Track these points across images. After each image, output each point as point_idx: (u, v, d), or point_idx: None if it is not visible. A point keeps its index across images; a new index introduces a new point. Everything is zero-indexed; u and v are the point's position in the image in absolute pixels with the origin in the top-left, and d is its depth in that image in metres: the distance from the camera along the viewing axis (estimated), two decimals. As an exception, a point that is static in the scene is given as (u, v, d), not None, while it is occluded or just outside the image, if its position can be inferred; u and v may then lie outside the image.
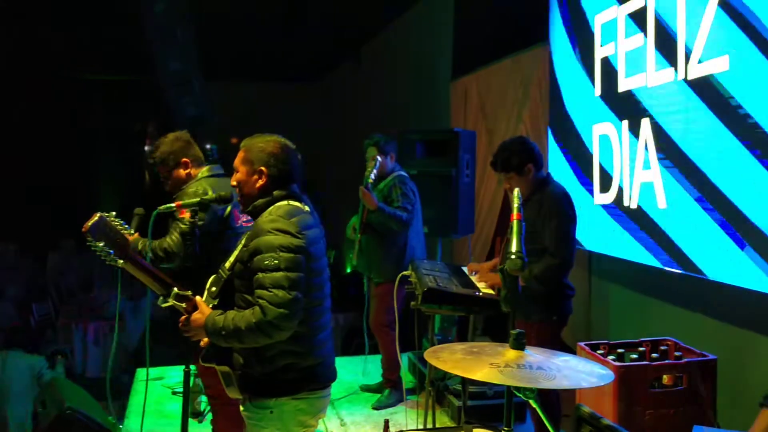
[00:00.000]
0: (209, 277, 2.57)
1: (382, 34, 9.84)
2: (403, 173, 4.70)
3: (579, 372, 1.62)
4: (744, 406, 2.22)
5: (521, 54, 5.67)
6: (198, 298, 2.48)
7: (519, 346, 1.66)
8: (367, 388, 5.00)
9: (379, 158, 4.54)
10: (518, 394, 1.63)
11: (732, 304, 3.21)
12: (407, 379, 5.00)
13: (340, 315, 8.09)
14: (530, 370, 1.56)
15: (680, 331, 3.37)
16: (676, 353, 2.95)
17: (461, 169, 5.02)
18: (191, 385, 2.96)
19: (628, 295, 4.24)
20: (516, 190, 1.94)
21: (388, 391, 4.70)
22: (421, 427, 3.51)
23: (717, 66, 3.09)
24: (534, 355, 1.65)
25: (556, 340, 3.37)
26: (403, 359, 4.79)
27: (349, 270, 7.81)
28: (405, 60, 8.99)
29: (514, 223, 1.84)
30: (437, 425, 3.64)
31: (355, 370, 5.25)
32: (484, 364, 1.58)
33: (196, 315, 2.43)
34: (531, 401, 1.62)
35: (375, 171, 4.48)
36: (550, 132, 4.94)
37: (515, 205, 1.88)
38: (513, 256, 1.80)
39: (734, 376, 2.92)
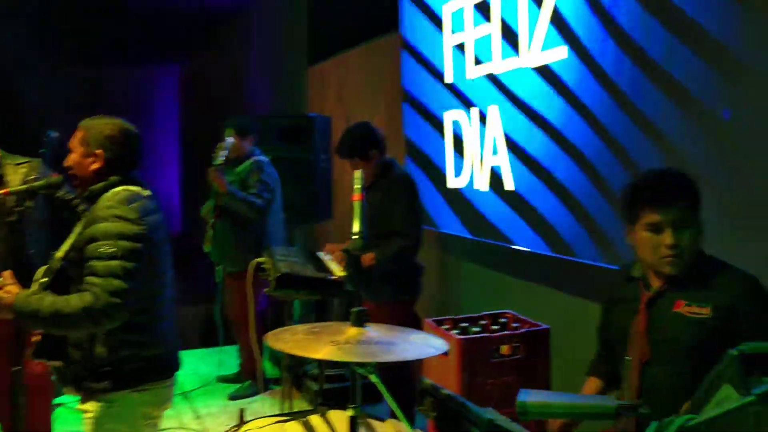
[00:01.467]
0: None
1: (241, 17, 9.63)
2: (262, 158, 4.62)
3: (417, 345, 1.67)
4: (577, 372, 2.38)
5: (376, 40, 5.74)
6: (5, 273, 2.30)
7: (360, 323, 1.68)
8: (224, 379, 4.91)
9: (229, 139, 4.43)
10: (359, 371, 1.66)
11: (566, 277, 3.44)
12: (268, 368, 4.96)
13: (197, 306, 7.85)
14: (369, 346, 1.59)
15: (524, 303, 3.56)
16: (514, 324, 3.12)
17: (317, 154, 5.02)
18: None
19: (480, 273, 4.42)
20: (358, 171, 1.96)
21: (249, 382, 4.64)
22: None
23: (557, 54, 3.27)
24: (375, 331, 1.68)
25: (409, 319, 3.46)
26: (266, 348, 4.75)
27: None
28: (264, 45, 8.84)
29: (356, 203, 1.86)
30: (294, 410, 3.63)
31: (211, 362, 5.14)
32: (325, 343, 1.59)
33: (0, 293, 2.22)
34: (371, 376, 1.65)
35: (225, 152, 4.36)
36: (404, 118, 5.04)
37: (357, 186, 1.90)
38: (355, 236, 1.82)
39: (568, 343, 3.13)
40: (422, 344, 1.69)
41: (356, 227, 1.82)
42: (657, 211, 1.96)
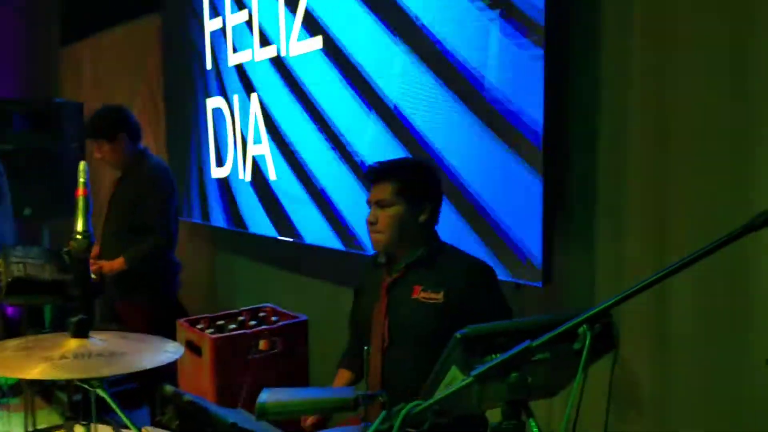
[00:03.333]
0: None
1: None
2: None
3: (146, 352, 1.54)
4: (335, 360, 2.38)
5: (135, 23, 5.36)
6: None
7: (81, 333, 1.51)
8: None
9: None
10: (84, 386, 1.50)
11: (330, 266, 3.47)
12: (5, 380, 4.46)
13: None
14: (89, 359, 1.43)
15: (286, 296, 3.54)
16: (273, 318, 3.08)
17: (67, 143, 4.58)
18: None
19: (249, 267, 4.33)
20: (82, 163, 1.77)
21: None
22: (22, 430, 3.16)
23: (313, 44, 3.25)
24: (99, 342, 1.52)
25: (170, 317, 3.28)
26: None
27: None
28: (4, 19, 7.90)
29: (80, 199, 1.69)
30: (43, 426, 3.30)
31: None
32: (38, 360, 1.40)
33: None
34: (98, 390, 1.50)
35: None
36: (165, 104, 4.77)
37: (81, 180, 1.72)
38: (79, 236, 1.65)
39: (328, 333, 3.16)
40: (155, 350, 1.56)
41: (80, 226, 1.66)
42: (370, 189, 2.08)
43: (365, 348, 1.50)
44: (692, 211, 2.06)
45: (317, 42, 3.20)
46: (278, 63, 3.51)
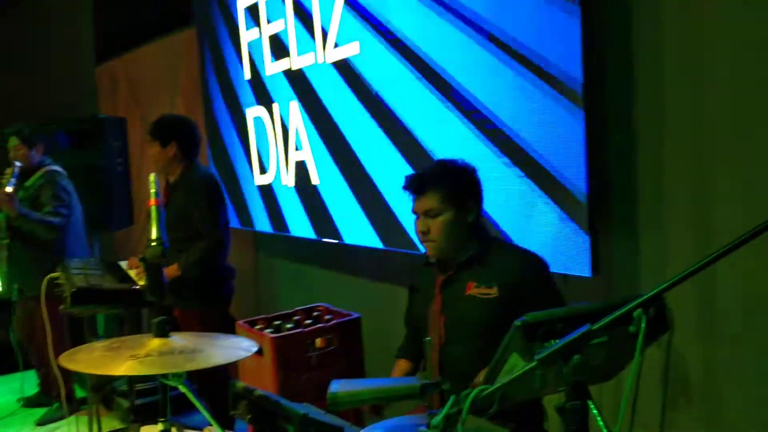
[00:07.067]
0: None
1: (15, 10, 8.78)
2: (54, 168, 4.27)
3: (225, 349, 1.64)
4: (389, 355, 2.46)
5: (170, 36, 5.52)
6: None
7: (162, 333, 1.62)
8: (29, 403, 4.55)
9: (17, 163, 4.08)
10: (167, 382, 1.60)
11: (375, 265, 3.55)
12: (77, 388, 4.63)
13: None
14: (172, 356, 1.53)
15: (336, 295, 3.63)
16: (327, 317, 3.18)
17: (112, 158, 4.74)
18: None
19: (293, 269, 4.44)
20: (152, 175, 1.88)
21: (57, 404, 4.31)
22: (89, 436, 3.28)
23: (350, 50, 3.34)
24: (180, 340, 1.63)
25: (222, 324, 3.39)
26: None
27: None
28: (42, 41, 8.14)
29: (152, 208, 1.79)
30: (105, 430, 3.43)
31: (9, 389, 4.71)
32: (125, 358, 1.51)
33: None
34: (180, 386, 1.60)
35: (14, 179, 3.99)
36: (204, 116, 4.90)
37: (152, 190, 1.82)
38: (153, 243, 1.75)
39: (380, 329, 3.24)
40: (230, 347, 1.66)
41: (154, 234, 1.76)
42: (414, 200, 2.12)
43: (426, 339, 1.57)
44: (735, 197, 2.09)
45: (354, 47, 3.29)
46: (317, 70, 3.60)
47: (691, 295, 2.18)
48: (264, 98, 4.14)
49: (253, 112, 4.28)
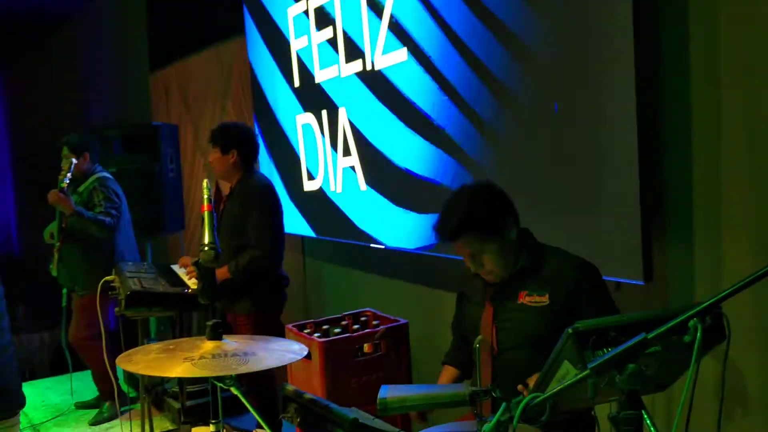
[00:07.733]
0: None
1: (72, 24, 9.08)
2: (104, 174, 4.44)
3: (276, 352, 1.67)
4: (435, 361, 2.46)
5: (220, 45, 5.62)
6: None
7: (216, 336, 1.65)
8: (82, 405, 4.67)
9: (73, 160, 4.24)
10: (219, 384, 1.63)
11: (422, 270, 3.55)
12: (127, 389, 4.74)
13: (45, 333, 7.38)
14: (225, 359, 1.56)
15: (383, 300, 3.63)
16: (374, 322, 3.19)
17: (164, 164, 4.85)
18: None
19: (340, 274, 4.47)
20: (205, 180, 1.92)
21: (107, 404, 4.42)
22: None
23: (398, 57, 3.35)
24: (232, 343, 1.65)
25: (273, 329, 3.42)
26: (119, 369, 4.53)
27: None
28: (98, 52, 8.40)
29: (206, 214, 1.83)
30: (157, 430, 3.51)
31: (61, 390, 4.85)
32: (179, 360, 1.54)
33: None
34: (232, 389, 1.63)
35: (69, 174, 4.17)
36: (255, 123, 4.98)
37: (205, 196, 1.86)
38: (206, 248, 1.79)
39: (427, 335, 3.24)
40: (281, 351, 1.68)
41: (207, 238, 1.79)
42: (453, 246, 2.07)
43: (475, 347, 1.57)
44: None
45: (403, 53, 3.30)
46: (366, 76, 3.62)
47: (748, 304, 2.12)
48: (312, 105, 4.18)
49: (303, 119, 4.33)
